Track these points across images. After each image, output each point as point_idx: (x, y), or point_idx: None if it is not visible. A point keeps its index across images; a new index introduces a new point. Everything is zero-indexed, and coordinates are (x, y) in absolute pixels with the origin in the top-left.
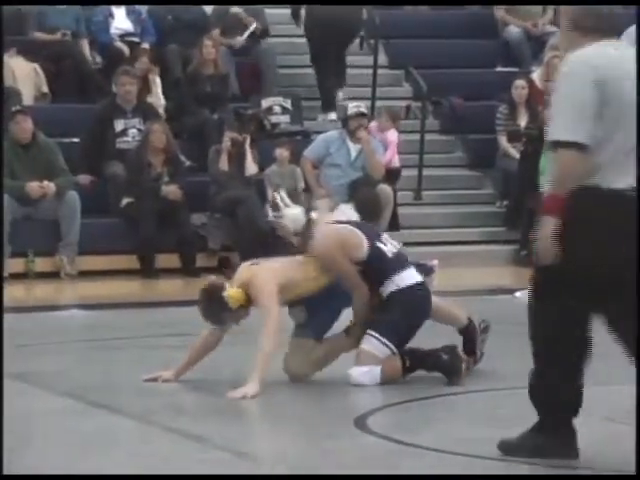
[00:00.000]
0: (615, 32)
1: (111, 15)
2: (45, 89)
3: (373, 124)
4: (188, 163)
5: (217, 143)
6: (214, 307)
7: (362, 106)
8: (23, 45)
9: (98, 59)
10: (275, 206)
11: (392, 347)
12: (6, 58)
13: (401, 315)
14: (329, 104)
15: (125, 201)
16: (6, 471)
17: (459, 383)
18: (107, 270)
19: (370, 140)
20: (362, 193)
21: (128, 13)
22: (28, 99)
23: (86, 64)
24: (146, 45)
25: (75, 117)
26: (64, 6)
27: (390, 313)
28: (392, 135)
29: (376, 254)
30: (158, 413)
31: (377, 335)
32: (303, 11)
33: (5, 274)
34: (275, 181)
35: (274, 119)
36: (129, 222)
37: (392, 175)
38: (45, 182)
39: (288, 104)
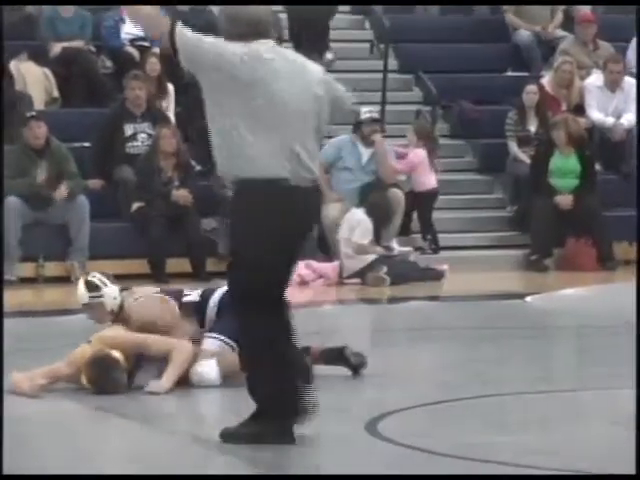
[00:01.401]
0: (267, 33)
1: (122, 20)
2: (55, 94)
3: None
4: (198, 168)
5: None
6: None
7: (374, 112)
8: (33, 50)
9: (108, 64)
10: (92, 286)
11: (231, 343)
12: (17, 63)
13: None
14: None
15: (135, 206)
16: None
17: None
18: (117, 275)
19: (383, 144)
20: (373, 197)
21: None
22: (39, 104)
23: (96, 69)
24: (156, 50)
25: (85, 122)
26: (71, 13)
27: (222, 318)
28: (417, 155)
29: (189, 308)
30: (164, 416)
31: (214, 335)
32: None
33: (14, 278)
34: None
35: None
36: (139, 227)
37: (428, 198)
38: (59, 185)
39: None
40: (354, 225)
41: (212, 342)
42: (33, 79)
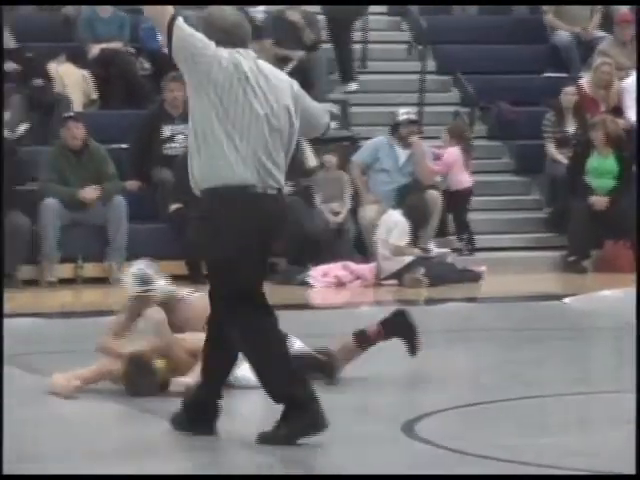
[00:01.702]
0: (244, 43)
1: None
2: (94, 95)
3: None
4: None
5: None
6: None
7: (412, 113)
8: (72, 51)
9: (146, 65)
10: (144, 280)
11: None
12: (55, 65)
13: None
14: (348, 75)
15: (173, 207)
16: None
17: (335, 384)
18: None
19: (421, 145)
20: (411, 199)
21: None
22: (77, 105)
23: (134, 70)
24: None
25: (123, 123)
26: (109, 14)
27: None
28: (451, 154)
29: None
30: None
31: None
32: None
33: (54, 279)
34: (322, 187)
35: None
36: (177, 228)
37: (462, 197)
38: (92, 186)
39: (336, 110)
40: (391, 226)
41: None
42: (72, 81)
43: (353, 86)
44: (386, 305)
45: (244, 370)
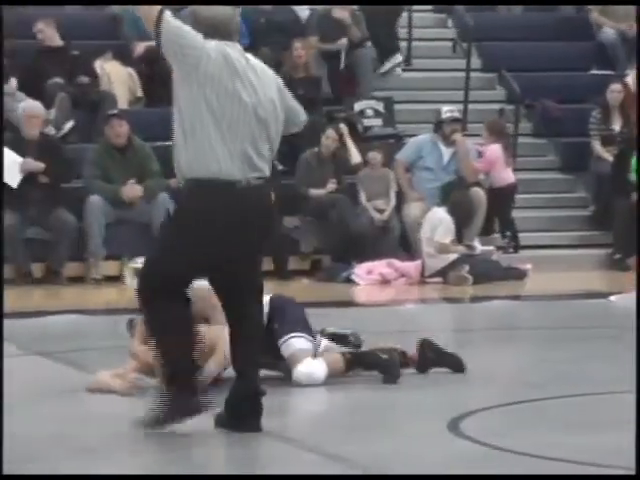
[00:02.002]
0: (232, 36)
1: None
2: (139, 93)
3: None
4: (280, 167)
5: (309, 146)
6: None
7: (456, 111)
8: (118, 49)
9: None
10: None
11: (313, 340)
12: (101, 62)
13: (294, 313)
14: (390, 50)
15: None
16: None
17: (395, 381)
18: None
19: (464, 143)
20: (455, 196)
21: None
22: (123, 103)
23: None
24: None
25: (168, 121)
26: None
27: (285, 318)
28: (493, 152)
29: None
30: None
31: (298, 334)
32: None
33: (99, 276)
34: (367, 184)
35: (367, 122)
36: None
37: (506, 193)
38: (134, 184)
39: (381, 107)
40: (436, 224)
41: (304, 342)
42: (117, 78)
43: (399, 57)
44: (431, 303)
45: (312, 366)
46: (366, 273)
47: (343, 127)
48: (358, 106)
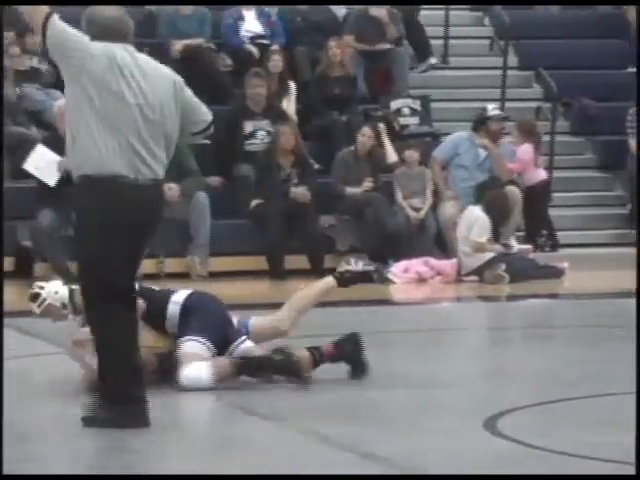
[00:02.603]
0: (122, 37)
1: (241, 18)
2: None
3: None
4: (317, 166)
5: (345, 145)
6: None
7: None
8: (154, 48)
9: (228, 61)
10: (34, 296)
11: (208, 344)
12: None
13: (202, 316)
14: (425, 52)
15: (254, 203)
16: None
17: (303, 382)
18: (236, 271)
19: (494, 146)
20: (491, 195)
21: (258, 16)
22: None
23: (216, 66)
24: (276, 47)
25: None
26: (191, 11)
27: (190, 320)
28: (525, 151)
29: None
30: (288, 413)
31: (192, 337)
32: None
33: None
34: (403, 183)
35: (403, 121)
36: (258, 223)
37: (540, 191)
38: (172, 184)
39: (417, 105)
40: (472, 223)
41: (193, 345)
42: None
43: (433, 60)
44: (467, 301)
45: (196, 369)
46: (402, 271)
47: (381, 126)
48: (394, 104)
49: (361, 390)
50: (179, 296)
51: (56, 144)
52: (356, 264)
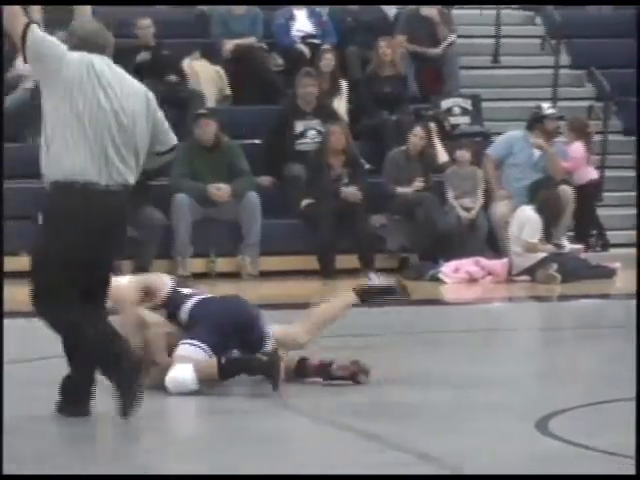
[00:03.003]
0: (100, 50)
1: (292, 18)
2: (227, 91)
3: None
4: (368, 165)
5: (395, 144)
6: None
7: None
8: (206, 48)
9: (279, 61)
10: None
11: (205, 348)
12: (190, 61)
13: (206, 322)
14: None
15: (305, 202)
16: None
17: (276, 385)
18: (287, 271)
19: (548, 146)
20: (543, 195)
21: (309, 15)
22: (211, 101)
23: (268, 66)
24: (327, 46)
25: (256, 119)
26: (243, 11)
27: (195, 325)
28: (577, 150)
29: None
30: (334, 412)
31: (188, 341)
32: None
33: (187, 273)
34: (455, 182)
35: (454, 120)
36: (309, 223)
37: (590, 190)
38: (221, 185)
39: (468, 105)
40: (524, 222)
41: (185, 348)
42: (206, 77)
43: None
44: (518, 301)
45: (180, 371)
46: (453, 271)
47: (432, 125)
48: (445, 104)
49: (411, 390)
50: (187, 306)
51: None
52: (377, 279)
